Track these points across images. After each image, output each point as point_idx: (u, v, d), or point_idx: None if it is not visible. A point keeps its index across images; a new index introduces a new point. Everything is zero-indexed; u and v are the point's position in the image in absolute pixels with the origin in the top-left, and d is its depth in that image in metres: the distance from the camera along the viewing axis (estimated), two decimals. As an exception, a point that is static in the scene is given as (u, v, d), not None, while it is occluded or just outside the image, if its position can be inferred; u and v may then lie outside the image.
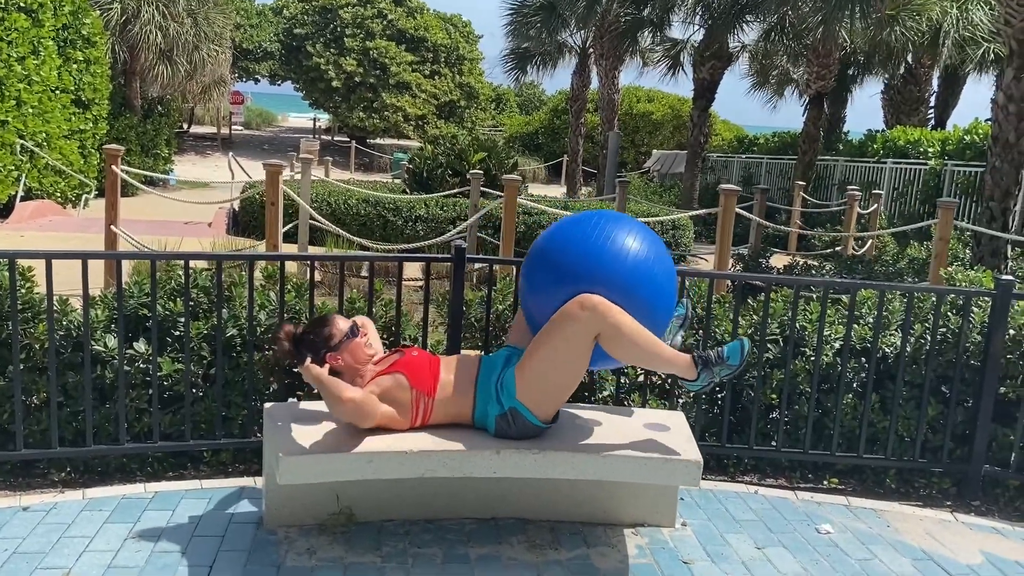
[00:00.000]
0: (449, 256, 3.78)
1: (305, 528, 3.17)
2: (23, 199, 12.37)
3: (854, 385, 3.98)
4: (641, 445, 3.05)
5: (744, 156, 21.53)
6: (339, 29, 33.20)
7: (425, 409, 3.00)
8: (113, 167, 7.12)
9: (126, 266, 5.00)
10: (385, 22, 33.54)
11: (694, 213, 9.32)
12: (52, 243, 10.12)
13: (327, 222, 7.15)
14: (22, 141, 12.21)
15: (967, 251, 9.46)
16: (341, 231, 7.14)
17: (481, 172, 9.93)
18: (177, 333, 3.65)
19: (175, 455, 3.71)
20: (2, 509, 3.20)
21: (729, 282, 6.09)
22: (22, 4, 11.96)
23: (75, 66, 13.95)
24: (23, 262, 3.37)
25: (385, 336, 3.90)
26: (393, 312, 3.86)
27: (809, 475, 4.08)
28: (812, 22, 14.68)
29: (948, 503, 3.90)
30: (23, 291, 3.50)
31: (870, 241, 11.68)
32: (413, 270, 7.70)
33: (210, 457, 3.75)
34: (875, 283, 4.15)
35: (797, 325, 4.05)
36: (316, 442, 2.90)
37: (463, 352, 3.71)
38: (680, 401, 4.12)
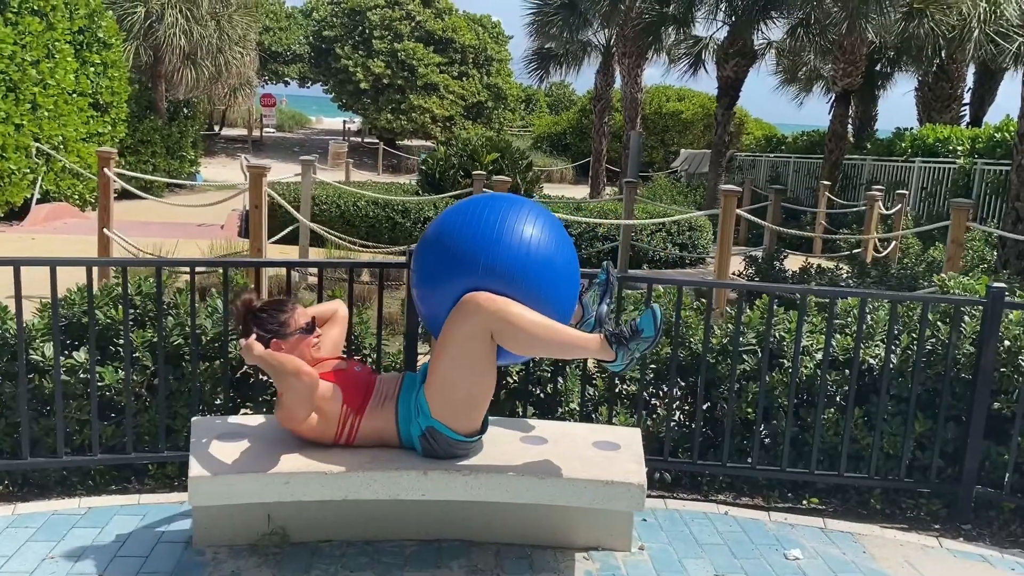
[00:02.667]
0: (403, 262, 3.61)
1: (236, 549, 3.01)
2: (39, 202, 12.46)
3: (837, 399, 3.74)
4: (584, 466, 2.85)
5: (772, 155, 21.11)
6: (367, 31, 33.24)
7: (351, 428, 2.84)
8: (105, 170, 7.08)
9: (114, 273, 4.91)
10: (413, 24, 33.52)
11: (700, 214, 9.05)
12: (61, 245, 10.16)
13: (317, 226, 7.02)
14: (38, 144, 12.29)
15: (994, 253, 9.07)
16: (331, 233, 7.01)
17: (484, 173, 9.73)
18: (122, 342, 3.53)
19: (119, 468, 3.59)
20: (-75, 525, 3.10)
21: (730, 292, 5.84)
22: (35, 7, 12.03)
23: (92, 69, 14.03)
24: None
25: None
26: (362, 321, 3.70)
27: (789, 494, 3.84)
28: (837, 17, 14.30)
29: (936, 526, 3.64)
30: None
31: (893, 243, 11.30)
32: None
33: (155, 471, 3.62)
34: (856, 290, 3.91)
35: (777, 335, 3.83)
36: (233, 460, 2.74)
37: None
38: (652, 417, 3.90)
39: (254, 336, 2.84)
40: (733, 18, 16.83)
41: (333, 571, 2.92)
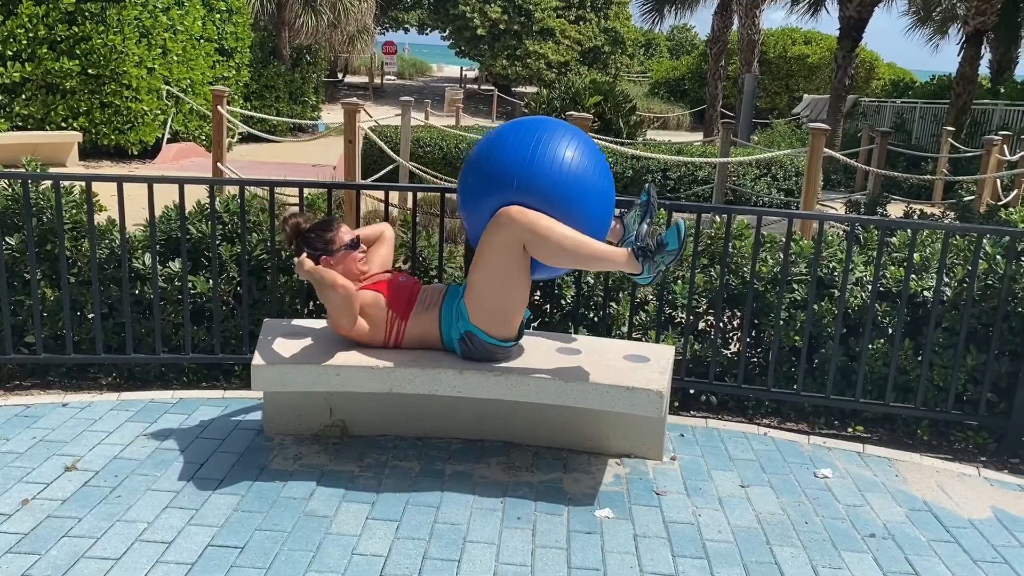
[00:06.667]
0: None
1: (300, 437, 3.37)
2: (169, 142, 13.35)
3: (888, 330, 3.76)
4: (610, 373, 3.04)
5: (899, 101, 20.11)
6: (486, -25, 33.24)
7: (398, 331, 3.12)
8: (219, 107, 7.58)
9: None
10: (532, -33, 33.28)
11: (788, 153, 8.87)
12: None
13: (413, 164, 7.34)
14: (168, 87, 13.14)
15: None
16: (427, 171, 7.31)
17: (577, 114, 9.77)
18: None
19: (208, 367, 4.02)
20: (45, 404, 3.60)
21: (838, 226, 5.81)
22: (166, -43, 12.79)
23: (218, 16, 14.79)
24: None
25: (404, 265, 4.03)
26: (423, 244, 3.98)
27: (835, 421, 3.91)
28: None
29: (983, 459, 3.64)
30: (73, 211, 3.87)
31: (1015, 191, 10.72)
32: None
33: (240, 371, 4.03)
34: (906, 221, 3.88)
35: (830, 266, 3.86)
36: (293, 354, 3.07)
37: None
38: (700, 342, 4.01)
39: (305, 254, 3.14)
40: (858, -46, 16.03)
41: (384, 460, 3.23)
